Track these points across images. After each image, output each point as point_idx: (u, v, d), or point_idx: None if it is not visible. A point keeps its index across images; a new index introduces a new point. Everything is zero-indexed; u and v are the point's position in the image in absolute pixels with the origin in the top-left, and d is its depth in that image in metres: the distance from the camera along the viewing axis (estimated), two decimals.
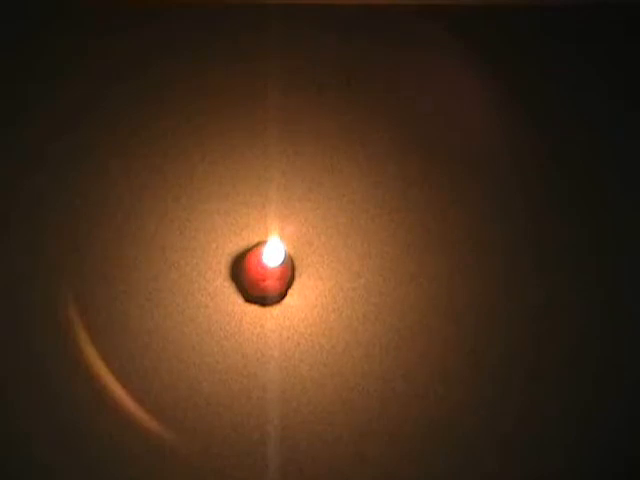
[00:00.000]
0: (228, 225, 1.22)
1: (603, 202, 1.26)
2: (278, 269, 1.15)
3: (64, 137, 1.23)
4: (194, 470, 1.14)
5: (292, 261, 1.21)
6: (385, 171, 1.25)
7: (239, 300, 1.20)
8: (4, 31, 1.26)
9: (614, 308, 1.22)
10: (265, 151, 1.24)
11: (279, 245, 1.12)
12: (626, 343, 1.21)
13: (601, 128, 1.28)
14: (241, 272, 1.19)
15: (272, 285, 1.16)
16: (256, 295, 1.18)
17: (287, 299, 1.20)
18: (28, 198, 1.21)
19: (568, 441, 1.18)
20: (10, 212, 1.20)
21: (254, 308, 1.19)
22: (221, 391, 1.16)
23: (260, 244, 1.18)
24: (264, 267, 1.14)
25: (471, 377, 1.19)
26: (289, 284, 1.20)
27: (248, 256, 1.17)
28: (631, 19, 1.32)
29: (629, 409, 1.19)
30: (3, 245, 1.19)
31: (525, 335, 1.20)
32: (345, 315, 1.20)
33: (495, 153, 1.26)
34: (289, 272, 1.19)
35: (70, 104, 1.24)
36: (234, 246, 1.22)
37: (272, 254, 1.12)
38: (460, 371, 1.19)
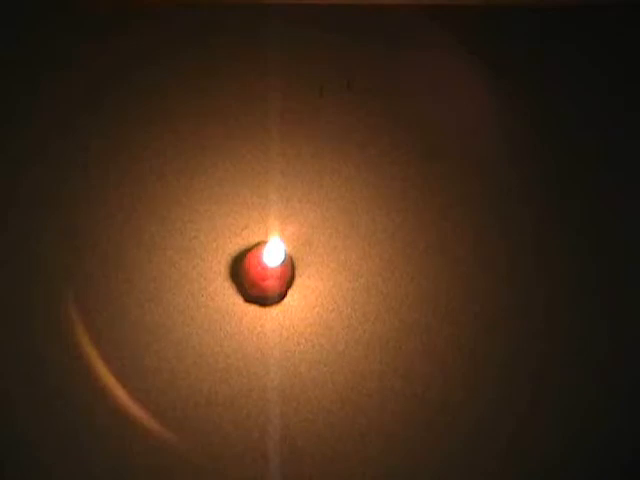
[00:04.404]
0: (228, 225, 1.22)
1: (603, 201, 1.26)
2: (278, 269, 1.15)
3: (64, 137, 1.23)
4: (194, 470, 1.14)
5: (292, 261, 1.21)
6: (385, 172, 1.25)
7: (239, 300, 1.20)
8: (4, 30, 1.26)
9: (614, 308, 1.22)
10: (265, 152, 1.25)
11: (279, 245, 1.13)
12: (626, 343, 1.21)
13: (601, 128, 1.28)
14: (241, 272, 1.19)
15: (272, 285, 1.16)
16: (256, 295, 1.18)
17: (287, 299, 1.20)
18: (28, 198, 1.21)
19: (568, 441, 1.18)
20: (10, 212, 1.20)
21: (254, 308, 1.19)
22: (221, 391, 1.16)
23: (260, 244, 1.18)
24: (264, 267, 1.14)
25: (471, 377, 1.19)
26: (289, 284, 1.20)
27: (248, 256, 1.17)
28: (631, 19, 1.32)
29: (629, 409, 1.19)
30: (3, 245, 1.19)
31: (525, 335, 1.20)
32: (345, 315, 1.20)
33: (495, 153, 1.26)
34: (289, 272, 1.19)
35: (70, 104, 1.24)
36: (234, 246, 1.22)
37: (272, 254, 1.12)
38: (460, 371, 1.19)
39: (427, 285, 1.21)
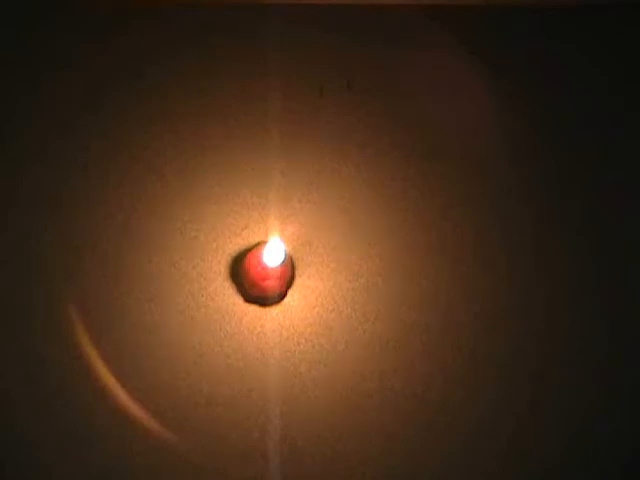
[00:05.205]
0: (228, 225, 1.22)
1: (603, 201, 1.26)
2: (278, 269, 1.15)
3: (64, 137, 1.23)
4: (194, 470, 1.14)
5: (292, 261, 1.21)
6: (385, 172, 1.25)
7: (239, 300, 1.20)
8: (4, 30, 1.26)
9: (614, 308, 1.22)
10: (265, 152, 1.25)
11: (279, 245, 1.13)
12: (626, 343, 1.21)
13: (601, 128, 1.28)
14: (241, 272, 1.19)
15: (272, 285, 1.16)
16: (256, 295, 1.18)
17: (287, 299, 1.20)
18: (28, 198, 1.21)
19: (568, 441, 1.18)
20: (10, 212, 1.20)
21: (254, 308, 1.19)
22: (221, 391, 1.16)
23: (260, 244, 1.18)
24: (264, 267, 1.14)
25: (471, 377, 1.19)
26: (289, 284, 1.20)
27: (248, 256, 1.17)
28: (631, 19, 1.32)
29: (629, 409, 1.19)
30: (3, 245, 1.19)
31: (525, 335, 1.20)
32: (345, 315, 1.20)
33: (495, 153, 1.26)
34: (289, 272, 1.19)
35: (70, 104, 1.24)
36: (234, 246, 1.22)
37: (272, 254, 1.12)
38: (460, 371, 1.19)
39: (427, 285, 1.21)
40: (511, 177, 1.26)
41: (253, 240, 1.22)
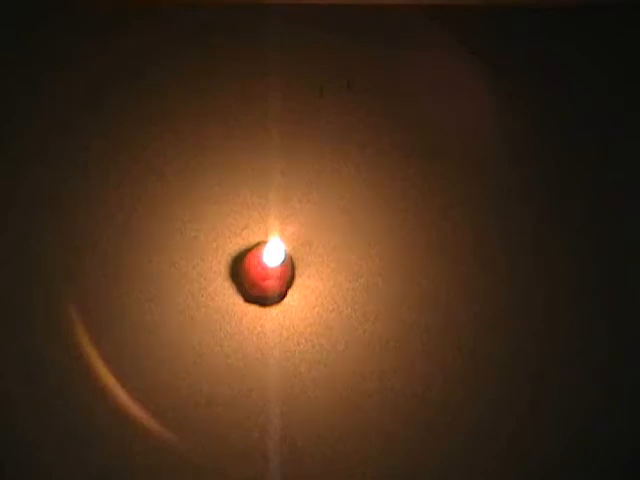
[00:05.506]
0: (228, 225, 1.22)
1: (603, 201, 1.26)
2: (278, 269, 1.15)
3: (64, 137, 1.23)
4: (194, 470, 1.14)
5: (292, 261, 1.21)
6: (385, 172, 1.25)
7: (239, 300, 1.20)
8: (4, 30, 1.26)
9: (614, 308, 1.22)
10: (265, 152, 1.25)
11: (279, 245, 1.13)
12: (626, 343, 1.21)
13: (601, 128, 1.28)
14: (241, 272, 1.19)
15: (272, 285, 1.16)
16: (256, 295, 1.18)
17: (287, 299, 1.20)
18: (28, 198, 1.21)
19: (568, 441, 1.18)
20: (10, 212, 1.20)
21: (254, 308, 1.19)
22: (221, 391, 1.16)
23: (260, 244, 1.18)
24: (264, 267, 1.14)
25: (471, 377, 1.19)
26: (289, 284, 1.20)
27: (248, 256, 1.17)
28: (631, 19, 1.32)
29: (629, 409, 1.19)
30: (3, 245, 1.19)
31: (525, 335, 1.20)
32: (345, 315, 1.20)
33: (495, 153, 1.26)
34: (289, 272, 1.19)
35: (70, 104, 1.24)
36: (234, 246, 1.22)
37: (272, 254, 1.12)
38: (460, 371, 1.19)
39: (427, 285, 1.21)
40: (511, 177, 1.26)
41: (253, 240, 1.22)
